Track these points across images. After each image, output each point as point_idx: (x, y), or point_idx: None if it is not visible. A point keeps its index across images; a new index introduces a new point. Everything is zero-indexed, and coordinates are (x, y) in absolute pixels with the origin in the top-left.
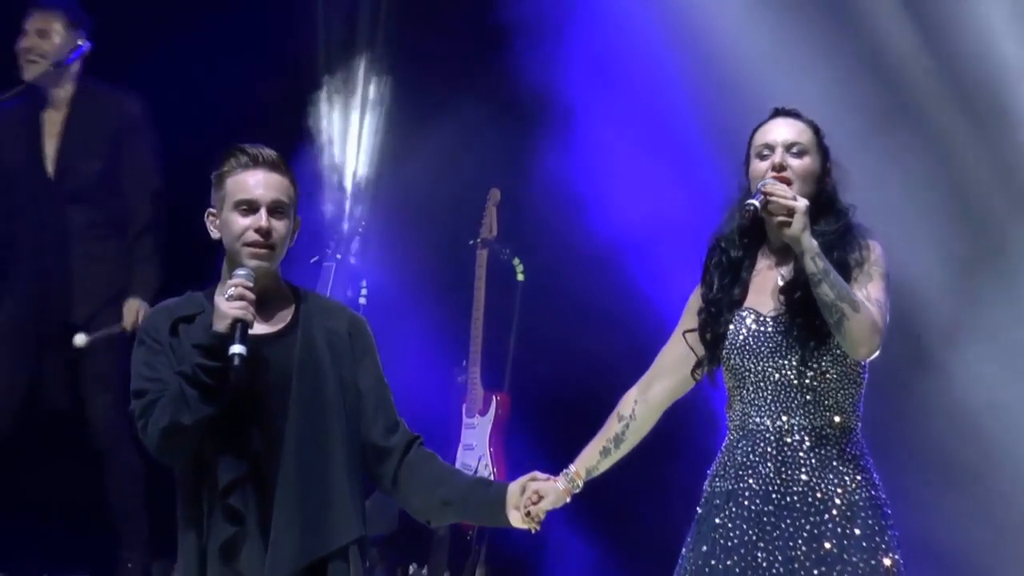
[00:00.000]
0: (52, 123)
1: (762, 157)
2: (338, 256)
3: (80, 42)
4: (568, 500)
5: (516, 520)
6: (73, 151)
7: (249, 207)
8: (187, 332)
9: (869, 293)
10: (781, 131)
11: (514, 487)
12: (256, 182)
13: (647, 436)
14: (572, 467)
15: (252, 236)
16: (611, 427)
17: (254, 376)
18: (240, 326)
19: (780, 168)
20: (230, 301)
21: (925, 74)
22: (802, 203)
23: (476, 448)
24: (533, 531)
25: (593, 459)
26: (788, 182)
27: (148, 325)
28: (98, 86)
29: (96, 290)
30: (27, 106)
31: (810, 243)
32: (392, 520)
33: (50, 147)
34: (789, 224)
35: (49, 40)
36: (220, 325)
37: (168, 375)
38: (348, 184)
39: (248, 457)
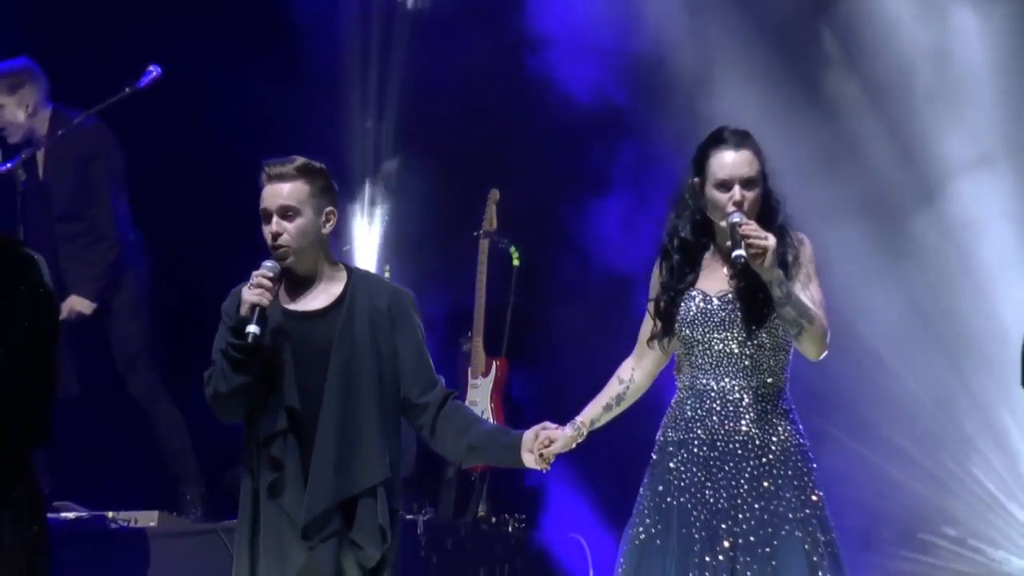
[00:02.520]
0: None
1: (721, 187)
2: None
3: (149, 68)
4: (574, 446)
5: (530, 461)
6: (50, 174)
7: (266, 216)
8: None
9: (812, 295)
10: (736, 168)
11: (528, 434)
12: (267, 194)
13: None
14: (579, 418)
15: (270, 241)
16: (613, 388)
17: (299, 347)
18: (257, 310)
19: (739, 204)
20: (250, 289)
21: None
22: (772, 241)
23: (479, 404)
24: (544, 471)
25: (597, 412)
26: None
27: (225, 305)
28: (70, 116)
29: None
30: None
31: (777, 274)
32: (409, 464)
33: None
34: (762, 260)
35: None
36: (242, 309)
37: None
38: (375, 187)
39: (290, 415)
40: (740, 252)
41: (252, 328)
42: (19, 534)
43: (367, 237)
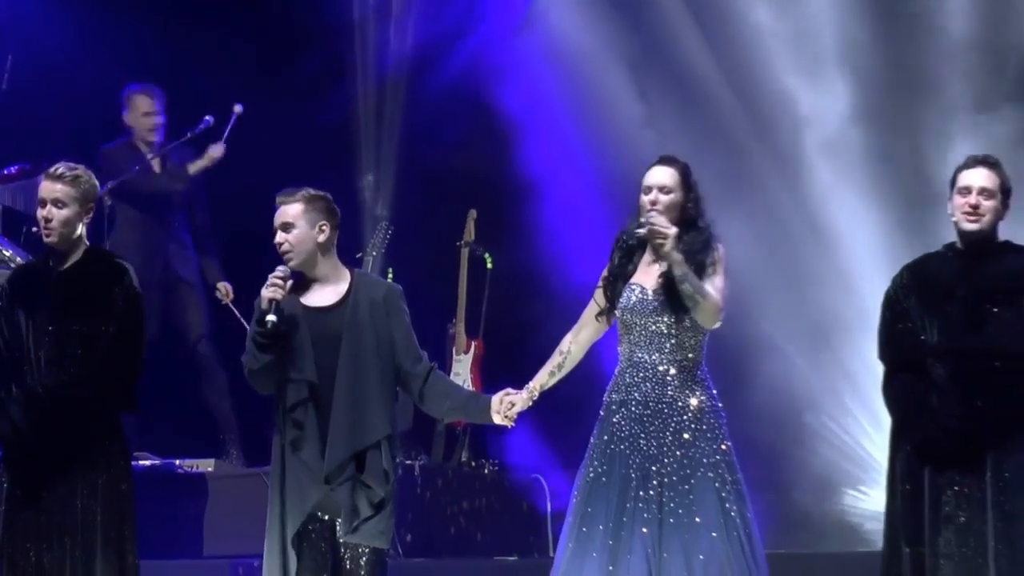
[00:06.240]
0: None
1: (645, 192)
2: (373, 253)
3: (206, 117)
4: (530, 404)
5: (497, 419)
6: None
7: (274, 231)
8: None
9: (715, 283)
10: (658, 177)
11: (495, 398)
12: (276, 214)
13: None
14: (531, 384)
15: (279, 248)
16: (555, 359)
17: (318, 333)
18: (274, 303)
19: (654, 203)
20: (266, 288)
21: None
22: (673, 230)
23: (461, 375)
24: (510, 426)
25: (544, 379)
26: (659, 212)
27: (256, 302)
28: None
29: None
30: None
31: (676, 256)
32: (408, 420)
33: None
34: (663, 245)
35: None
36: (262, 304)
37: None
38: (381, 209)
39: (310, 388)
40: (639, 230)
41: (270, 317)
42: (112, 476)
43: (376, 247)
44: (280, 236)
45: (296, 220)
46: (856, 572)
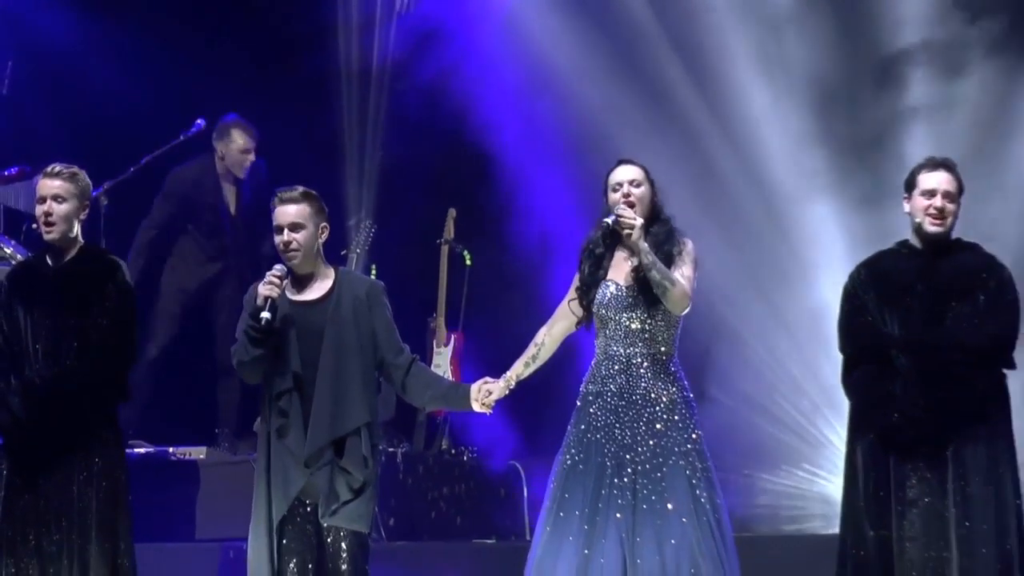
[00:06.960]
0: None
1: (615, 190)
2: (357, 251)
3: (198, 120)
4: (507, 393)
5: (476, 407)
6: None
7: (279, 230)
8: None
9: (683, 272)
10: (626, 173)
11: (474, 387)
12: (280, 212)
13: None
14: (507, 373)
15: (281, 247)
16: (530, 350)
17: (302, 327)
18: (269, 301)
19: (627, 196)
20: (263, 285)
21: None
22: (639, 221)
23: (442, 367)
24: (488, 413)
25: (520, 369)
26: (633, 205)
27: (246, 297)
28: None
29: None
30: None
31: (643, 245)
32: (390, 410)
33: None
34: (631, 235)
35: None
36: (258, 300)
37: None
38: (364, 209)
39: (294, 378)
40: (607, 220)
41: (265, 314)
42: (107, 463)
43: (360, 245)
44: (288, 235)
45: (306, 221)
46: (826, 554)
